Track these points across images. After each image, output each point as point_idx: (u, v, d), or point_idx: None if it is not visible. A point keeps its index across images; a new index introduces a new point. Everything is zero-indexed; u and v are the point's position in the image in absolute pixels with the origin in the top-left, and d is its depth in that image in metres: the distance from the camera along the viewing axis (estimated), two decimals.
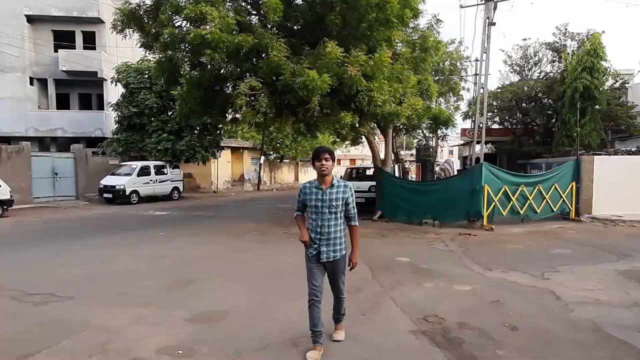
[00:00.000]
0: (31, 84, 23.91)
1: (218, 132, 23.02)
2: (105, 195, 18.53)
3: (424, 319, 4.39)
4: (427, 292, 5.44)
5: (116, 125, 21.98)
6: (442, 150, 44.53)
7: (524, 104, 19.87)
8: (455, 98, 22.44)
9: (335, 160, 3.55)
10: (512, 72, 21.57)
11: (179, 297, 5.27)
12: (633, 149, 14.41)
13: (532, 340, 3.84)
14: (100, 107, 24.96)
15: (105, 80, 23.38)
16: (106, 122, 24.03)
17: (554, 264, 7.00)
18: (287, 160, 35.70)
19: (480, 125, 12.68)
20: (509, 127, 21.93)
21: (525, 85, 19.50)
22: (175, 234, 10.37)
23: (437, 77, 20.73)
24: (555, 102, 17.93)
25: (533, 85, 19.29)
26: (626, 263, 7.12)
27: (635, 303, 4.94)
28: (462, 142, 25.26)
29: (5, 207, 13.95)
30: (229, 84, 11.41)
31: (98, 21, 23.52)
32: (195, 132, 21.64)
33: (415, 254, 7.88)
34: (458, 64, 21.62)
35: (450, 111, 18.44)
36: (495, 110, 20.77)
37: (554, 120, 19.12)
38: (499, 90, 20.72)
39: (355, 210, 3.61)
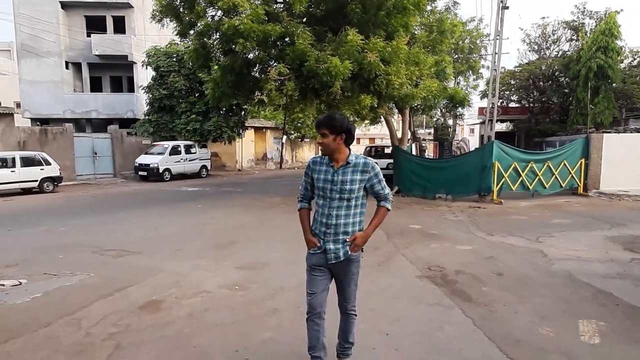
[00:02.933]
0: (67, 67, 25.27)
1: (243, 112, 24.06)
2: (140, 173, 19.91)
3: (427, 268, 5.40)
4: (432, 250, 6.44)
5: (147, 107, 23.26)
6: (462, 129, 44.71)
7: (541, 83, 20.20)
8: (474, 76, 22.87)
9: (340, 133, 2.62)
10: (530, 51, 21.83)
11: (225, 253, 6.39)
12: None
13: (512, 282, 4.82)
14: (131, 89, 26.26)
15: (135, 63, 24.54)
16: (137, 103, 25.32)
17: (551, 230, 7.88)
18: (308, 140, 36.66)
19: (492, 105, 13.28)
20: (527, 105, 22.31)
21: (543, 64, 19.81)
22: (211, 206, 11.57)
23: (457, 56, 21.21)
24: (572, 81, 18.28)
25: (550, 63, 19.60)
26: (617, 230, 7.94)
27: (611, 259, 5.82)
28: (479, 120, 25.70)
29: (55, 183, 15.40)
30: (257, 68, 12.35)
31: (127, 6, 24.54)
32: (222, 113, 22.73)
33: (426, 223, 8.85)
34: (478, 41, 21.94)
35: (466, 91, 18.96)
36: (513, 89, 21.15)
37: (570, 98, 19.47)
38: (516, 69, 21.06)
39: (387, 190, 2.78)
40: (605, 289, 4.52)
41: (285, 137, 31.52)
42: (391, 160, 14.99)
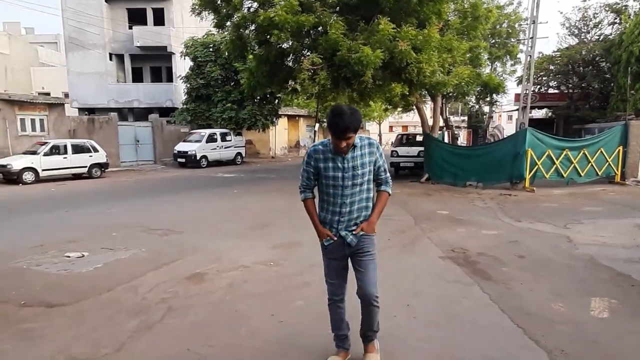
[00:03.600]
0: (110, 59, 26.49)
1: (276, 101, 24.56)
2: (179, 159, 20.84)
3: (451, 250, 5.67)
4: (458, 234, 6.67)
5: (185, 96, 24.14)
6: (500, 116, 43.62)
7: (580, 68, 19.56)
8: (512, 62, 22.35)
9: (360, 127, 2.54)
10: (569, 35, 21.11)
11: (260, 234, 6.87)
12: None
13: (532, 264, 5.02)
14: (169, 79, 27.27)
15: (174, 54, 25.44)
16: (175, 93, 26.30)
17: (580, 218, 7.91)
18: None
19: (527, 91, 13.12)
20: (566, 91, 21.66)
21: (583, 49, 19.16)
22: (246, 192, 12.13)
23: (494, 41, 20.81)
24: (613, 66, 17.63)
25: (591, 48, 18.94)
26: None
27: (637, 245, 5.89)
28: (516, 107, 25.18)
29: (102, 169, 16.44)
30: (290, 58, 12.72)
31: None
32: (256, 101, 23.31)
33: (454, 209, 9.04)
34: (516, 25, 21.38)
35: (501, 77, 18.64)
36: (551, 75, 20.59)
37: (611, 84, 18.79)
38: (555, 54, 20.46)
39: (388, 174, 2.73)
40: (624, 272, 4.66)
41: (317, 124, 31.79)
42: (422, 148, 15.09)
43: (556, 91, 22.42)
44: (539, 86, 22.12)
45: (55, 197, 11.45)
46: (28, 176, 14.20)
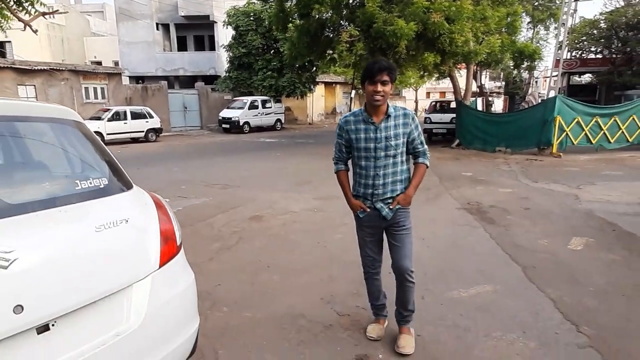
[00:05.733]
0: (157, 29, 27.88)
1: (314, 68, 25.33)
2: (223, 125, 22.26)
3: (467, 203, 6.63)
4: (476, 191, 7.59)
5: (227, 65, 25.31)
6: (545, 82, 42.35)
7: (623, 32, 19.10)
8: (556, 24, 21.93)
9: (394, 81, 2.46)
10: None
11: (305, 189, 8.04)
12: None
13: (535, 214, 5.93)
14: (212, 47, 28.44)
15: (216, 22, 26.44)
16: (218, 61, 27.50)
17: (596, 180, 8.59)
18: None
19: (558, 59, 13.37)
20: (608, 56, 21.21)
21: (629, 12, 18.66)
22: (289, 155, 13.33)
23: (537, 3, 20.54)
24: None
25: (637, 11, 18.41)
26: None
27: (638, 203, 6.62)
28: (555, 73, 24.76)
29: (157, 134, 18.07)
30: (329, 29, 13.49)
31: None
32: (295, 69, 24.18)
33: (478, 171, 9.87)
34: None
35: (545, 41, 18.52)
36: (593, 39, 20.20)
37: None
38: (599, 18, 19.98)
39: (425, 146, 2.62)
40: (613, 221, 5.50)
41: (354, 91, 32.36)
42: (455, 115, 15.67)
43: (599, 56, 21.94)
44: (580, 51, 21.72)
45: (123, 157, 13.05)
46: None
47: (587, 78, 26.93)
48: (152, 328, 1.76)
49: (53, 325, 1.47)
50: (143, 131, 17.41)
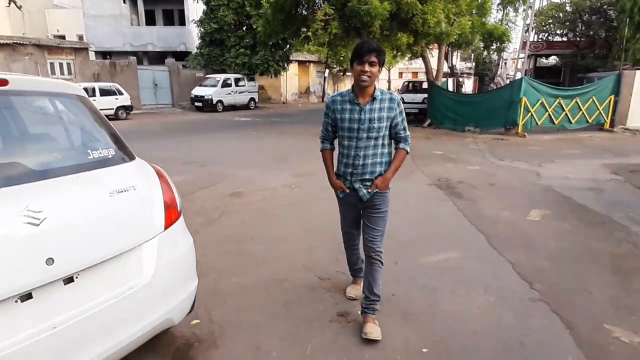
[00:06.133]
0: (124, 1, 26.83)
1: (287, 46, 25.12)
2: (196, 103, 21.92)
3: (438, 180, 7.01)
4: (446, 168, 7.99)
5: (199, 41, 24.75)
6: (514, 63, 43.37)
7: (587, 16, 19.84)
8: (524, 6, 22.49)
9: (383, 64, 2.49)
10: None
11: (282, 166, 8.23)
12: None
13: (499, 189, 6.37)
14: (182, 22, 27.64)
15: None
16: (188, 37, 26.81)
17: (556, 158, 9.15)
18: (350, 74, 37.25)
19: (525, 41, 13.85)
20: (573, 39, 22.01)
21: None
22: (265, 134, 13.42)
23: None
24: (618, 15, 17.97)
25: None
26: (617, 160, 9.08)
27: (592, 179, 7.16)
28: (522, 56, 25.54)
29: (128, 111, 17.70)
30: (304, 7, 13.46)
31: None
32: (268, 46, 23.91)
33: (449, 150, 10.30)
34: None
35: (514, 23, 19.01)
36: (558, 22, 20.88)
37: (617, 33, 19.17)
38: (564, 1, 20.63)
39: (407, 132, 2.70)
40: (568, 195, 5.99)
41: (327, 71, 32.39)
42: (426, 95, 16.05)
43: (564, 39, 22.74)
44: (546, 34, 22.43)
45: None
46: None
47: (553, 60, 27.85)
48: (160, 283, 1.97)
49: (77, 277, 1.66)
50: (113, 109, 17.02)
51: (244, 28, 23.69)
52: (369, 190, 2.64)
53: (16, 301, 1.49)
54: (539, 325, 2.76)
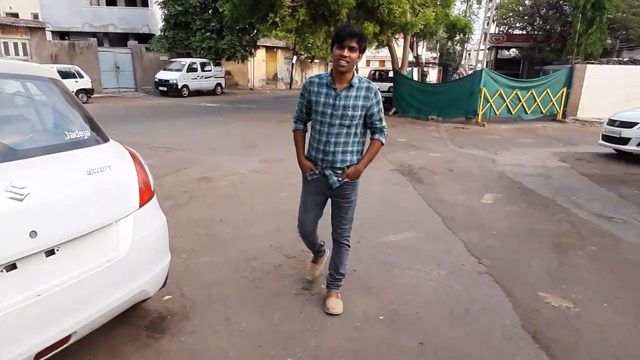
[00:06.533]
0: None
1: (255, 31, 24.83)
2: (160, 88, 21.42)
3: (400, 166, 7.32)
4: (409, 155, 8.33)
5: (163, 23, 24.08)
6: (477, 54, 44.57)
7: (544, 11, 20.71)
8: None
9: (363, 51, 2.44)
10: None
11: (250, 152, 8.33)
12: (625, 59, 15.90)
13: (457, 175, 6.75)
14: (144, 3, 26.76)
15: None
16: (152, 19, 26.03)
17: (511, 147, 9.69)
18: (318, 61, 37.24)
19: (486, 33, 14.37)
20: (531, 33, 22.91)
21: None
22: (232, 120, 13.38)
23: None
24: (573, 10, 18.87)
25: None
26: (566, 148, 9.72)
27: (542, 166, 7.68)
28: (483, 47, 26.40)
29: (89, 95, 17.13)
30: None
31: None
32: (235, 31, 23.56)
33: (412, 138, 10.66)
34: None
35: (469, 17, 19.62)
36: (518, 16, 21.67)
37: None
38: None
39: (384, 123, 2.64)
40: (519, 181, 6.43)
41: (295, 57, 32.26)
42: (392, 84, 16.40)
43: (523, 32, 23.62)
44: (507, 27, 23.25)
45: None
46: None
47: (512, 52, 28.90)
48: (135, 257, 2.11)
49: (57, 250, 1.78)
50: (73, 92, 16.38)
51: (210, 11, 23.23)
52: (340, 179, 2.62)
53: (2, 271, 1.60)
54: (484, 295, 3.07)
